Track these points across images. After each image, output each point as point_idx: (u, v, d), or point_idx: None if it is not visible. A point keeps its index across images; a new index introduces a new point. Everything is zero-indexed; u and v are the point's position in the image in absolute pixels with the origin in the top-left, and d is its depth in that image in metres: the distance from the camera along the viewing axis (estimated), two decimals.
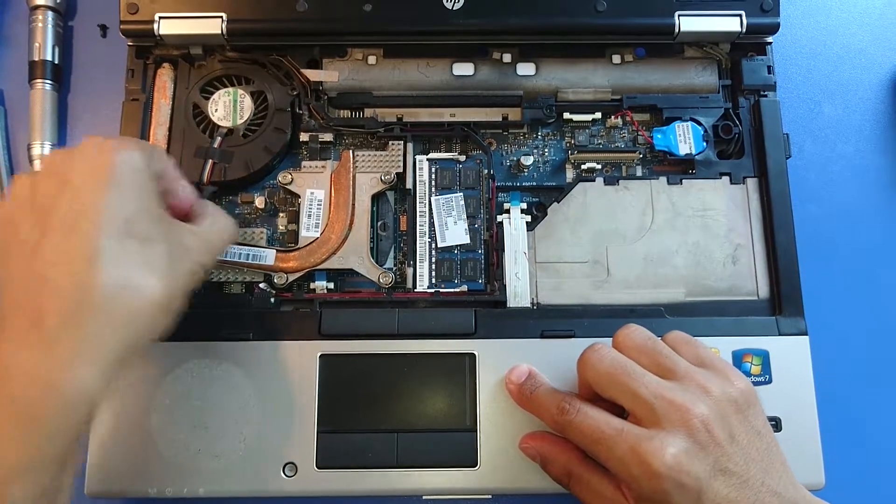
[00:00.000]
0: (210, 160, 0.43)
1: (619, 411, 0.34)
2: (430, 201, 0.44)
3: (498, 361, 0.40)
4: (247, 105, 0.45)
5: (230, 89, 0.45)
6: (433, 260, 0.43)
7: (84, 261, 0.29)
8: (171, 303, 0.32)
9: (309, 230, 0.43)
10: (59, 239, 0.30)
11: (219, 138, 0.44)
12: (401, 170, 0.44)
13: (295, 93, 0.45)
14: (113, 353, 0.30)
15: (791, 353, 0.40)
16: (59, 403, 0.29)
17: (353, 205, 0.43)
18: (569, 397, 0.36)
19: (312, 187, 0.44)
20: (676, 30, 0.45)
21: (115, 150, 0.32)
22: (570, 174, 0.45)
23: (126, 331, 0.30)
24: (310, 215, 0.43)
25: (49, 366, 0.29)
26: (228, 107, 0.45)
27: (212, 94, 0.45)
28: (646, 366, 0.34)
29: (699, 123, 0.45)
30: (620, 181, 0.45)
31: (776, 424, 0.39)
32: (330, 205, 0.43)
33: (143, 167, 0.33)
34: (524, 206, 0.44)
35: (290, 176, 0.44)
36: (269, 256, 0.42)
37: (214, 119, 0.44)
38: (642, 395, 0.33)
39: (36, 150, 0.48)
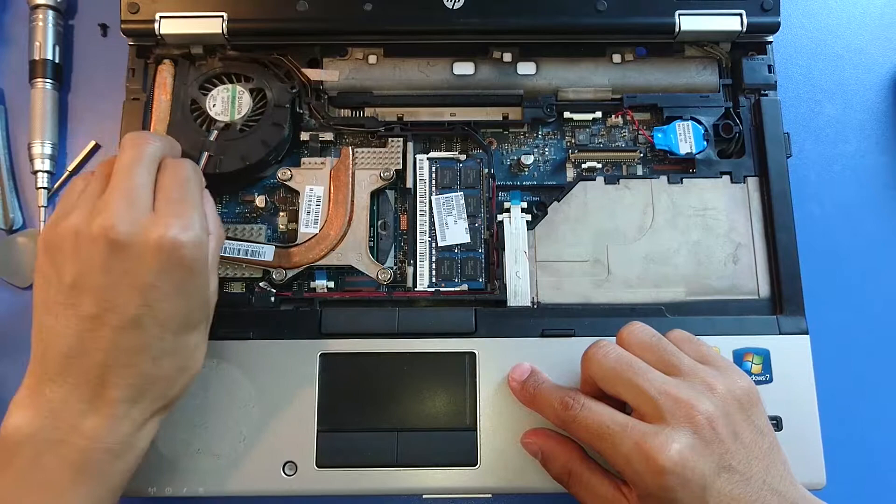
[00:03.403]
0: (206, 152, 0.42)
1: (622, 409, 0.34)
2: (430, 200, 0.44)
3: (498, 360, 0.40)
4: (245, 101, 0.45)
5: (229, 86, 0.45)
6: (433, 259, 0.43)
7: (148, 360, 0.32)
8: None
9: (307, 226, 0.43)
10: (123, 335, 0.32)
11: (215, 131, 0.43)
12: (400, 166, 0.44)
13: (295, 91, 0.45)
14: (163, 415, 0.34)
15: (792, 353, 0.40)
16: (122, 466, 0.33)
17: (352, 201, 0.43)
18: (572, 392, 0.35)
19: (311, 184, 0.44)
20: (677, 29, 0.45)
21: (189, 256, 0.32)
22: (570, 173, 0.45)
23: (177, 399, 0.35)
24: (308, 211, 0.43)
25: (117, 437, 0.32)
26: (227, 102, 0.44)
27: (210, 90, 0.45)
28: (650, 362, 0.34)
29: (700, 122, 0.45)
30: (621, 180, 0.44)
31: (777, 424, 0.39)
32: (329, 201, 0.43)
33: (207, 259, 0.34)
34: (524, 205, 0.44)
35: (289, 172, 0.44)
36: (267, 252, 0.42)
37: (212, 114, 0.44)
38: (647, 391, 0.33)
39: (36, 150, 0.48)
